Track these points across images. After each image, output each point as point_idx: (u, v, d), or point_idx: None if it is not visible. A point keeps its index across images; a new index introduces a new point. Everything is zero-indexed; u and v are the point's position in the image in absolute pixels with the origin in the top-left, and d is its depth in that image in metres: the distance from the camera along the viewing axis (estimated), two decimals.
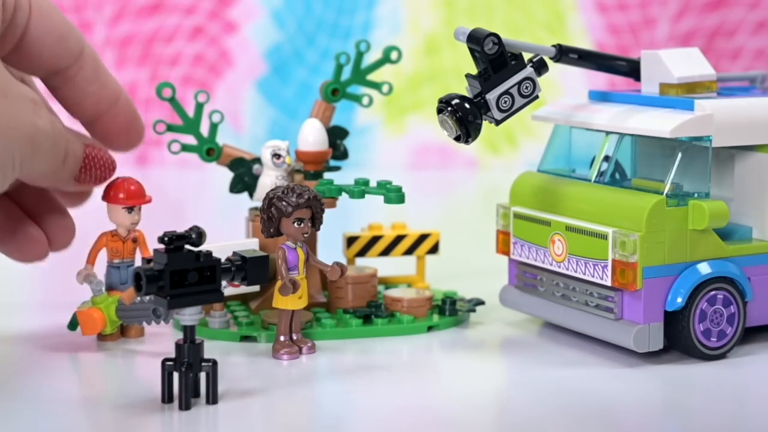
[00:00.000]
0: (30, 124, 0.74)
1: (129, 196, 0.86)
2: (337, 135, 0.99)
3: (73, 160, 0.80)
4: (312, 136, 0.95)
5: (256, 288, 0.90)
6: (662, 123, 0.83)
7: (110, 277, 0.88)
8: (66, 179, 0.81)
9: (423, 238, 1.01)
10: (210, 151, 0.97)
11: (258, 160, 0.96)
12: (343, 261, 0.94)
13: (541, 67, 0.84)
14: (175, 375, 0.74)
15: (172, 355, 0.74)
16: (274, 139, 0.95)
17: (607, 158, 0.88)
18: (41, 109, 0.76)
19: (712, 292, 0.84)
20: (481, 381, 0.82)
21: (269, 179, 0.94)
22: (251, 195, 0.97)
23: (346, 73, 0.99)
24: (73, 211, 0.87)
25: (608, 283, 0.83)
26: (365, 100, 1.01)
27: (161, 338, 0.88)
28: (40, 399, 0.76)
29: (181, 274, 0.72)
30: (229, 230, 1.02)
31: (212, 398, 0.74)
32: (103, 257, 0.88)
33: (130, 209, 0.86)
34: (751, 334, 0.87)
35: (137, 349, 0.86)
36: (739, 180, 0.88)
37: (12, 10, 0.77)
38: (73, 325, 0.87)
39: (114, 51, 1.87)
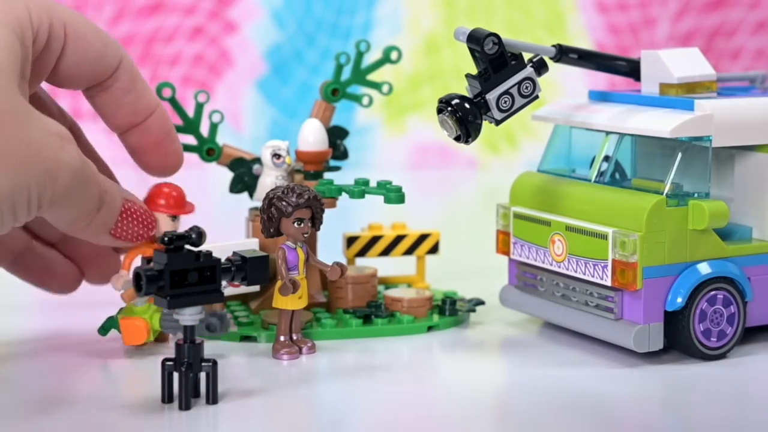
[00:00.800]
0: (52, 157, 0.73)
1: (172, 205, 0.85)
2: (337, 135, 0.99)
3: (109, 210, 0.79)
4: (312, 136, 0.95)
5: (256, 288, 0.90)
6: (662, 123, 0.83)
7: None
8: (100, 231, 0.79)
9: (423, 238, 1.01)
10: (210, 151, 0.97)
11: (258, 160, 0.96)
12: (343, 261, 0.94)
13: (541, 67, 0.84)
14: (175, 375, 0.74)
15: (172, 355, 0.74)
16: (274, 139, 0.95)
17: (607, 158, 0.88)
18: (68, 144, 0.74)
19: (712, 292, 0.84)
20: (481, 381, 0.82)
21: (269, 179, 0.94)
22: (251, 195, 0.97)
23: (346, 73, 0.99)
24: None
25: (608, 283, 0.83)
26: (365, 100, 1.01)
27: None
28: (39, 399, 0.76)
29: (181, 274, 0.72)
30: (229, 230, 1.02)
31: (212, 398, 0.74)
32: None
33: (174, 217, 0.85)
34: (751, 334, 0.87)
35: (137, 348, 0.86)
36: (739, 180, 0.88)
37: (44, 42, 0.77)
38: (105, 329, 0.86)
39: None
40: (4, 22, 0.73)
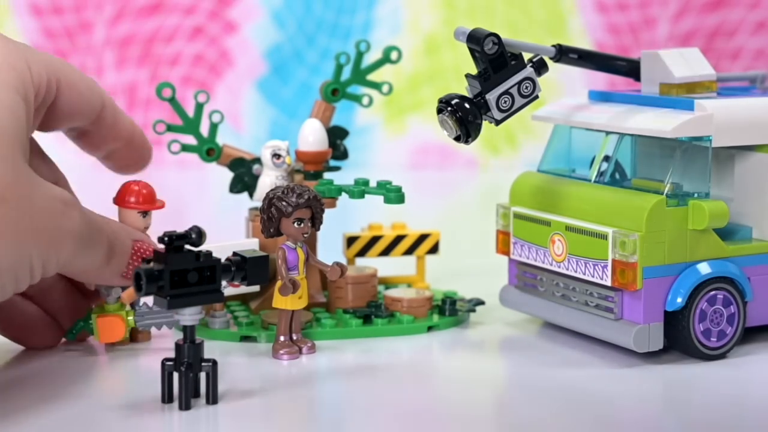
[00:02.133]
0: (56, 227, 0.72)
1: (144, 200, 0.85)
2: (337, 135, 0.99)
3: (120, 258, 0.79)
4: (312, 136, 0.95)
5: (256, 288, 0.90)
6: (662, 123, 0.83)
7: None
8: (113, 277, 0.80)
9: (423, 238, 1.01)
10: (210, 151, 0.97)
11: (258, 160, 0.96)
12: (343, 261, 0.94)
13: (541, 67, 0.84)
14: (175, 375, 0.74)
15: (172, 355, 0.74)
16: (274, 139, 0.95)
17: (607, 158, 0.88)
18: (71, 210, 0.74)
19: (712, 292, 0.84)
20: (481, 381, 0.82)
21: (269, 179, 0.94)
22: (251, 195, 0.97)
23: (346, 73, 0.99)
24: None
25: (608, 283, 0.83)
26: (365, 100, 1.01)
27: (161, 338, 0.88)
28: (39, 399, 0.76)
29: (181, 274, 0.72)
30: (229, 230, 1.02)
31: (212, 398, 0.74)
32: None
33: (145, 213, 0.86)
34: (751, 334, 0.87)
35: (137, 348, 0.86)
36: (739, 180, 0.88)
37: (42, 99, 0.77)
38: (73, 333, 0.86)
39: (114, 51, 1.87)
40: (7, 81, 0.73)
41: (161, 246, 0.73)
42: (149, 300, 0.81)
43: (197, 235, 0.72)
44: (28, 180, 0.72)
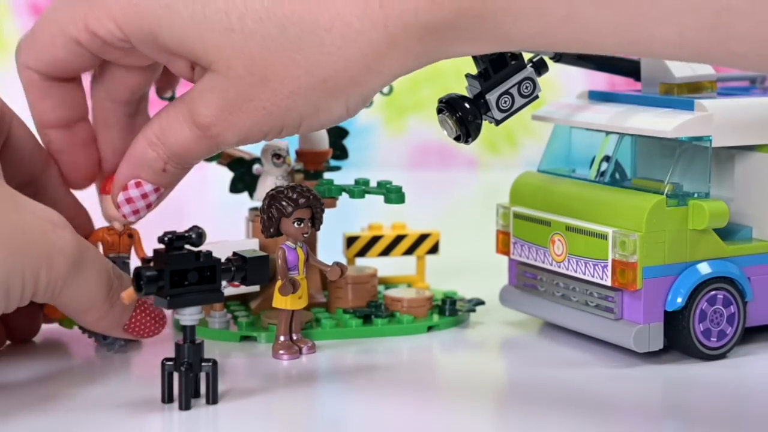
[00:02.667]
0: (45, 243, 0.72)
1: None
2: (337, 135, 0.99)
3: (124, 307, 0.78)
4: (312, 136, 0.95)
5: (256, 288, 0.90)
6: (662, 123, 0.83)
7: None
8: (113, 323, 0.78)
9: (423, 238, 1.01)
10: None
11: (258, 160, 0.96)
12: (343, 261, 0.94)
13: (541, 67, 0.84)
14: (175, 375, 0.74)
15: (172, 355, 0.74)
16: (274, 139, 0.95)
17: (607, 158, 0.88)
18: (63, 230, 0.74)
19: (712, 292, 0.84)
20: (481, 381, 0.82)
21: (269, 179, 0.94)
22: (251, 195, 0.97)
23: None
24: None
25: (608, 283, 0.83)
26: None
27: (161, 338, 0.88)
28: (39, 399, 0.76)
29: (181, 274, 0.72)
30: (229, 230, 1.02)
31: (212, 398, 0.74)
32: None
33: None
34: (751, 334, 0.87)
35: (137, 349, 0.86)
36: (739, 180, 0.88)
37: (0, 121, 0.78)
38: (71, 321, 0.87)
39: None
40: None
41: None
42: None
43: (197, 235, 0.72)
44: (12, 198, 0.73)
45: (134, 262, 0.85)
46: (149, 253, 0.80)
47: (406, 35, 0.71)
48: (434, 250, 1.01)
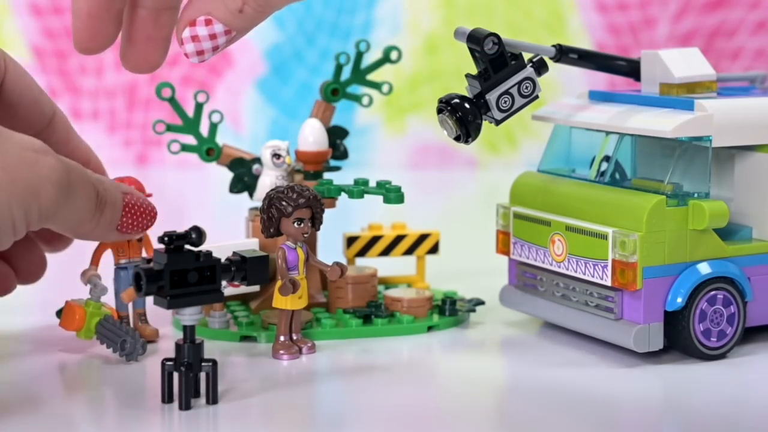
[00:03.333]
0: (31, 175, 0.71)
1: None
2: (337, 135, 0.99)
3: (112, 209, 0.78)
4: (312, 136, 0.95)
5: (256, 288, 0.90)
6: (662, 123, 0.83)
7: (119, 282, 0.86)
8: (108, 230, 0.78)
9: (423, 238, 1.01)
10: (210, 151, 0.97)
11: (258, 160, 0.96)
12: (343, 261, 0.94)
13: (541, 67, 0.84)
14: (175, 375, 0.74)
15: (172, 355, 0.74)
16: (274, 139, 0.95)
17: (607, 158, 0.88)
18: (45, 156, 0.72)
19: (712, 292, 0.84)
20: (481, 381, 0.82)
21: (269, 179, 0.94)
22: (251, 195, 0.97)
23: (346, 73, 0.99)
24: None
25: (608, 283, 0.83)
26: (365, 100, 1.01)
27: (161, 338, 0.88)
28: (40, 399, 0.76)
29: (181, 274, 0.72)
30: (229, 230, 1.02)
31: (212, 398, 0.74)
32: (107, 260, 0.87)
33: None
34: (751, 334, 0.87)
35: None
36: (739, 180, 0.88)
37: None
38: (59, 312, 0.86)
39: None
40: None
41: (148, 201, 0.74)
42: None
43: (197, 235, 0.72)
44: None
45: None
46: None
47: None
48: (434, 250, 1.01)
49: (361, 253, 1.00)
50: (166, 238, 0.72)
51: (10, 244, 0.72)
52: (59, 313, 0.87)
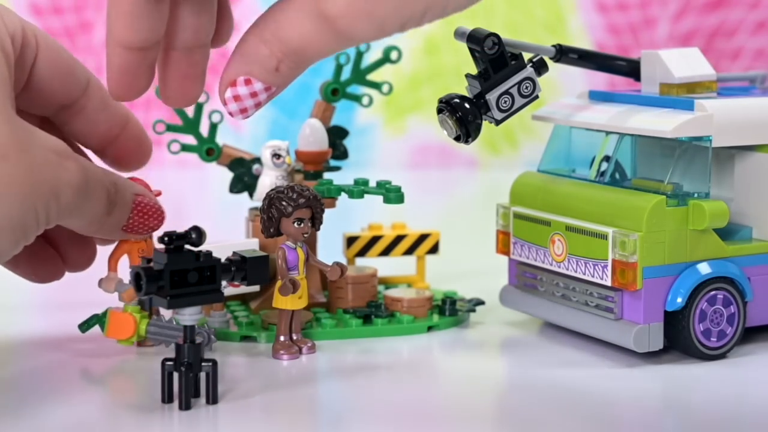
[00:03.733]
0: (53, 178, 0.72)
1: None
2: (337, 135, 0.99)
3: (121, 210, 0.78)
4: (312, 136, 0.95)
5: (256, 288, 0.90)
6: (662, 123, 0.83)
7: None
8: (112, 229, 0.79)
9: (423, 238, 1.01)
10: (210, 151, 0.97)
11: (258, 160, 0.96)
12: (343, 261, 0.94)
13: (541, 67, 0.84)
14: (175, 375, 0.74)
15: (172, 355, 0.74)
16: (274, 139, 0.95)
17: (607, 158, 0.88)
18: (67, 160, 0.73)
19: (712, 292, 0.84)
20: (481, 381, 0.82)
21: (269, 179, 0.94)
22: (251, 195, 0.97)
23: (346, 73, 0.99)
24: None
25: (608, 283, 0.83)
26: (365, 100, 1.01)
27: None
28: (39, 399, 0.76)
29: (181, 274, 0.72)
30: (229, 230, 1.02)
31: (212, 398, 0.74)
32: (123, 264, 0.87)
33: None
34: (751, 334, 0.87)
35: (138, 349, 0.86)
36: (739, 180, 0.88)
37: (19, 48, 0.76)
38: (88, 325, 0.86)
39: None
40: None
41: (158, 203, 0.74)
42: (167, 313, 0.81)
43: (197, 235, 0.72)
44: (24, 132, 0.72)
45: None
46: None
47: None
48: (434, 250, 1.01)
49: (361, 253, 1.00)
50: (166, 238, 0.72)
51: (32, 240, 0.73)
52: (88, 325, 0.86)
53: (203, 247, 0.73)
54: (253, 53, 0.71)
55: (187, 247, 0.73)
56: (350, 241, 1.00)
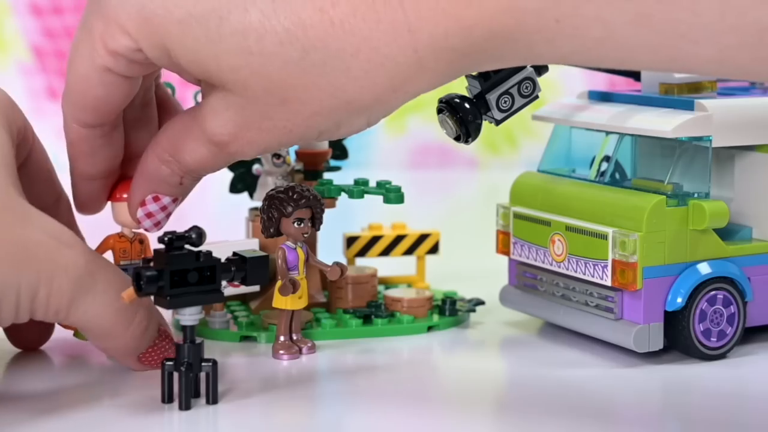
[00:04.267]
0: (48, 259, 0.71)
1: None
2: None
3: (144, 334, 0.77)
4: None
5: (256, 288, 0.90)
6: (663, 123, 0.83)
7: None
8: (128, 353, 0.78)
9: (423, 238, 1.01)
10: None
11: (258, 160, 0.96)
12: (343, 261, 0.94)
13: (541, 67, 0.84)
14: (175, 375, 0.74)
15: (172, 355, 0.74)
16: None
17: (607, 158, 0.88)
18: (68, 249, 0.72)
19: (712, 292, 0.84)
20: (481, 381, 0.82)
21: (269, 179, 0.94)
22: (251, 195, 0.97)
23: None
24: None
25: (608, 283, 0.83)
26: None
27: None
28: (39, 399, 0.76)
29: (181, 274, 0.72)
30: (229, 230, 1.02)
31: (212, 398, 0.74)
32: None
33: None
34: (751, 334, 0.87)
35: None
36: (739, 180, 0.88)
37: (20, 139, 0.77)
38: (81, 334, 0.86)
39: None
40: None
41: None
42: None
43: (197, 235, 0.72)
44: (22, 210, 0.72)
45: None
46: None
47: (436, 59, 0.68)
48: (434, 250, 1.01)
49: (361, 253, 1.00)
50: (166, 238, 0.72)
51: (9, 323, 0.72)
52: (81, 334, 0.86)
53: (203, 247, 0.73)
54: (156, 174, 0.77)
55: (187, 247, 0.73)
56: (350, 241, 1.00)
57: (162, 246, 0.72)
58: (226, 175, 0.98)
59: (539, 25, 0.65)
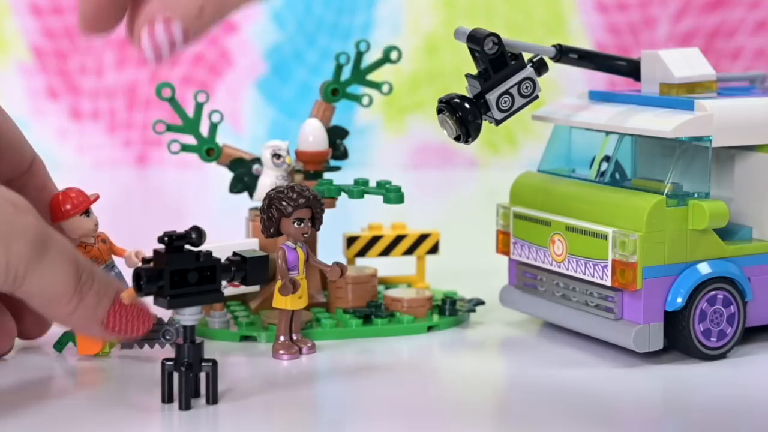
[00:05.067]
0: (4, 224, 0.69)
1: (79, 201, 0.82)
2: (337, 135, 0.99)
3: (96, 297, 0.74)
4: (312, 136, 0.95)
5: (256, 288, 0.90)
6: (663, 123, 0.83)
7: None
8: (88, 318, 0.74)
9: (423, 238, 1.01)
10: (210, 151, 0.97)
11: (258, 160, 0.96)
12: (343, 261, 0.94)
13: (541, 67, 0.84)
14: (175, 375, 0.74)
15: (172, 355, 0.74)
16: (274, 139, 0.95)
17: (607, 158, 0.88)
18: (24, 214, 0.70)
19: (712, 292, 0.84)
20: (481, 381, 0.82)
21: (269, 179, 0.94)
22: (251, 195, 0.97)
23: (346, 73, 0.99)
24: None
25: (608, 283, 0.83)
26: (365, 100, 1.01)
27: None
28: (39, 399, 0.76)
29: (181, 274, 0.72)
30: (229, 230, 1.02)
31: (212, 398, 0.74)
32: None
33: (87, 213, 0.83)
34: (751, 334, 0.87)
35: (137, 349, 0.86)
36: (739, 180, 0.88)
37: None
38: (61, 344, 0.85)
39: (114, 51, 1.87)
40: None
41: (146, 306, 0.73)
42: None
43: (197, 235, 0.72)
44: None
45: (118, 264, 0.85)
46: (125, 250, 0.82)
47: None
48: (434, 250, 1.01)
49: (361, 253, 1.00)
50: (166, 238, 0.72)
51: None
52: (62, 344, 0.85)
53: (203, 247, 0.73)
54: None
55: (187, 247, 0.73)
56: (350, 241, 1.00)
57: (162, 246, 0.72)
58: (226, 175, 0.98)
59: None
